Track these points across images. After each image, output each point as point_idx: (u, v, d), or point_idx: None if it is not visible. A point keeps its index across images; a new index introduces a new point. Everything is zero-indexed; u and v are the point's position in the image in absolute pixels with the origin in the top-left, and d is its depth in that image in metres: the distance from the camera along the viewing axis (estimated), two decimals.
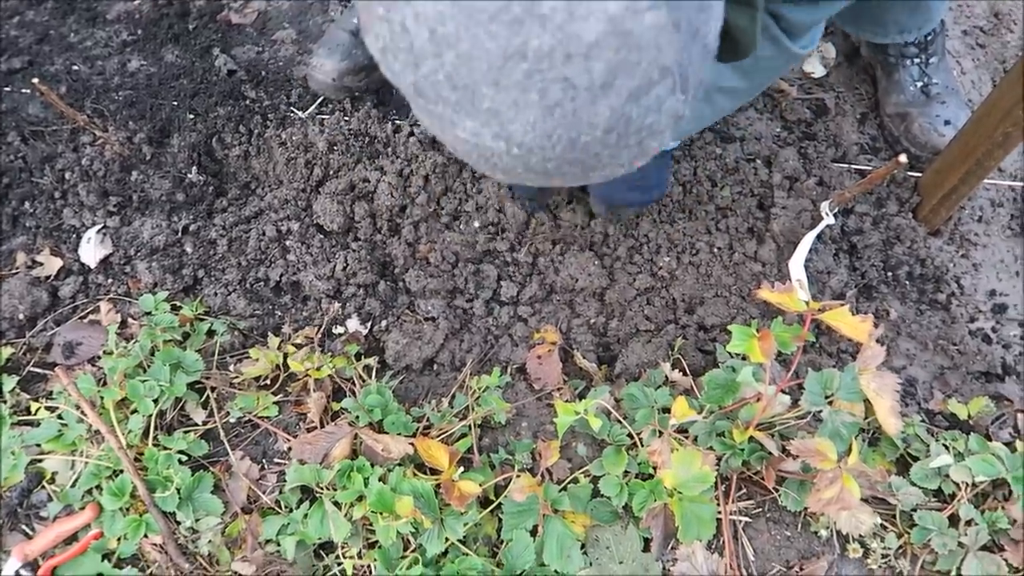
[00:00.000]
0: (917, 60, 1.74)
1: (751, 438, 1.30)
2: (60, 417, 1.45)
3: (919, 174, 1.69)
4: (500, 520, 1.30)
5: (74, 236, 1.72)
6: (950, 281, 1.66)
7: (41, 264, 1.69)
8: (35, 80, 1.54)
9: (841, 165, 1.73)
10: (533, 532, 1.28)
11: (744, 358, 1.36)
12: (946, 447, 1.38)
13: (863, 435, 1.44)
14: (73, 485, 1.39)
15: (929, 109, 1.71)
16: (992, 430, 1.47)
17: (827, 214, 1.55)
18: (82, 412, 1.40)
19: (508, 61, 0.60)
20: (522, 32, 0.58)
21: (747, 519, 1.36)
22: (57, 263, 1.68)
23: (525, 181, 0.76)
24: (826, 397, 1.29)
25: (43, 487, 1.41)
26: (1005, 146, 1.41)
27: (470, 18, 0.58)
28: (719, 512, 1.33)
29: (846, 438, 1.27)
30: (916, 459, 1.39)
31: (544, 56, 0.59)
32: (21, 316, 1.61)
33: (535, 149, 0.67)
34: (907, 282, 1.65)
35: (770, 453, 1.31)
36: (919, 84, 1.74)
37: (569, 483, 1.35)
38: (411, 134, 1.76)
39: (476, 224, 1.69)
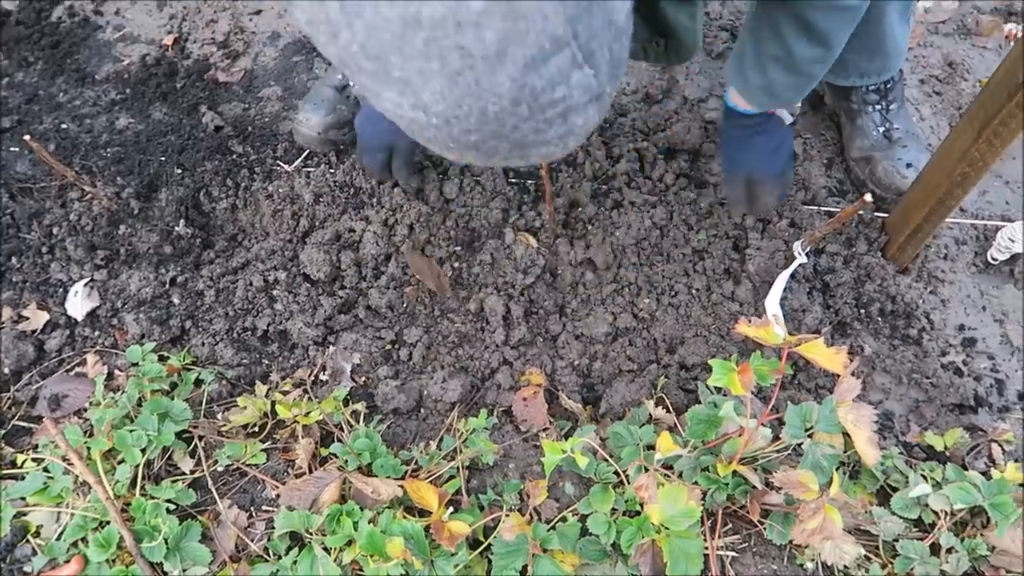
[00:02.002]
0: (878, 106, 1.83)
1: (735, 472, 1.33)
2: (46, 470, 1.44)
3: (885, 215, 1.76)
4: (490, 561, 1.31)
5: (61, 290, 1.74)
6: (920, 317, 1.71)
7: (27, 318, 1.70)
8: (26, 136, 1.58)
9: (811, 207, 1.79)
10: (523, 572, 1.29)
11: (725, 393, 1.39)
12: (924, 477, 1.41)
13: (844, 468, 1.47)
14: (59, 538, 1.37)
15: (892, 153, 1.79)
16: (968, 460, 1.51)
17: (799, 253, 1.61)
18: (69, 463, 1.40)
19: (407, 29, 0.62)
20: (414, 1, 0.61)
21: (734, 554, 1.38)
22: (43, 317, 1.70)
23: (468, 158, 0.77)
24: (806, 430, 1.33)
25: (28, 541, 1.40)
26: (963, 185, 1.48)
27: None
28: (706, 548, 1.34)
29: (827, 470, 1.30)
30: (896, 490, 1.42)
31: (438, 23, 0.62)
32: (6, 370, 1.62)
33: (451, 119, 0.69)
34: (879, 318, 1.70)
35: (754, 487, 1.34)
36: (881, 129, 1.82)
37: (558, 522, 1.36)
38: (395, 185, 1.81)
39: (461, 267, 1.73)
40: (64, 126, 1.98)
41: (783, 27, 1.37)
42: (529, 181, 1.82)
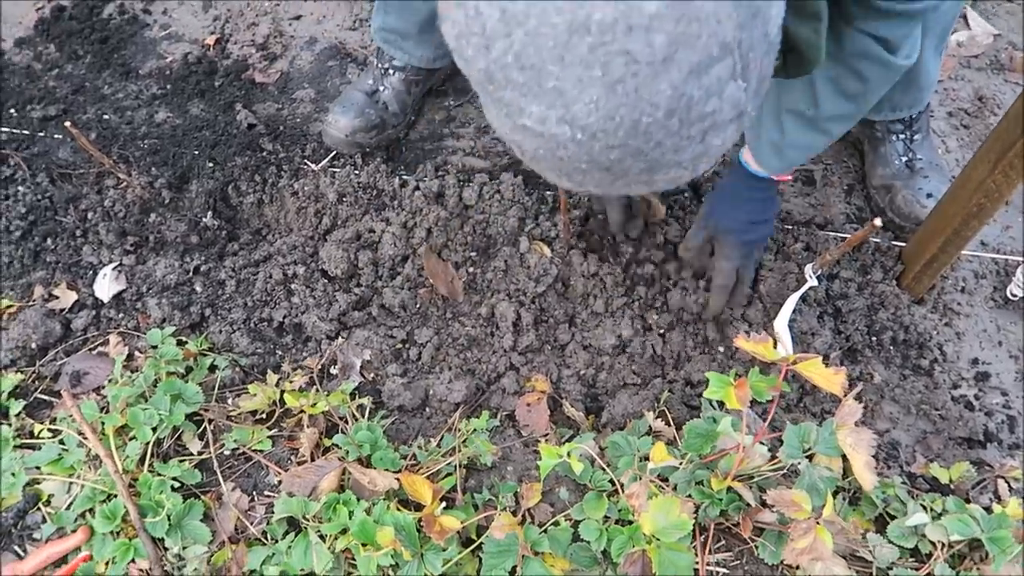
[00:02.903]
0: (903, 136, 1.83)
1: (730, 488, 1.33)
2: (61, 442, 1.50)
3: (903, 244, 1.75)
4: (481, 560, 1.32)
5: (91, 272, 1.81)
6: (933, 348, 1.70)
7: (57, 297, 1.77)
8: (68, 124, 1.65)
9: (827, 232, 1.80)
10: (512, 573, 1.30)
11: (722, 406, 1.40)
12: (924, 507, 1.40)
13: (844, 494, 1.46)
14: (68, 508, 1.43)
15: (913, 182, 1.79)
16: (972, 495, 1.49)
17: (811, 276, 1.61)
18: (83, 436, 1.45)
19: (573, 35, 0.63)
20: (586, 4, 0.62)
21: (724, 570, 1.38)
22: (72, 297, 1.76)
23: (589, 185, 0.77)
24: (805, 452, 1.33)
25: (39, 509, 1.45)
26: (980, 216, 1.48)
27: None
28: (696, 562, 1.34)
29: (823, 492, 1.30)
30: (895, 518, 1.41)
31: (607, 28, 0.61)
32: (34, 345, 1.68)
33: (598, 133, 0.69)
34: (891, 347, 1.69)
35: (748, 504, 1.33)
36: (904, 159, 1.82)
37: (550, 526, 1.37)
38: (416, 188, 1.85)
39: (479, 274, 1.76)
40: (106, 117, 2.07)
41: (818, 75, 1.30)
42: (547, 191, 1.84)
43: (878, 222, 1.35)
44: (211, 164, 1.92)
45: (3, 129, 2.02)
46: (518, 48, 0.65)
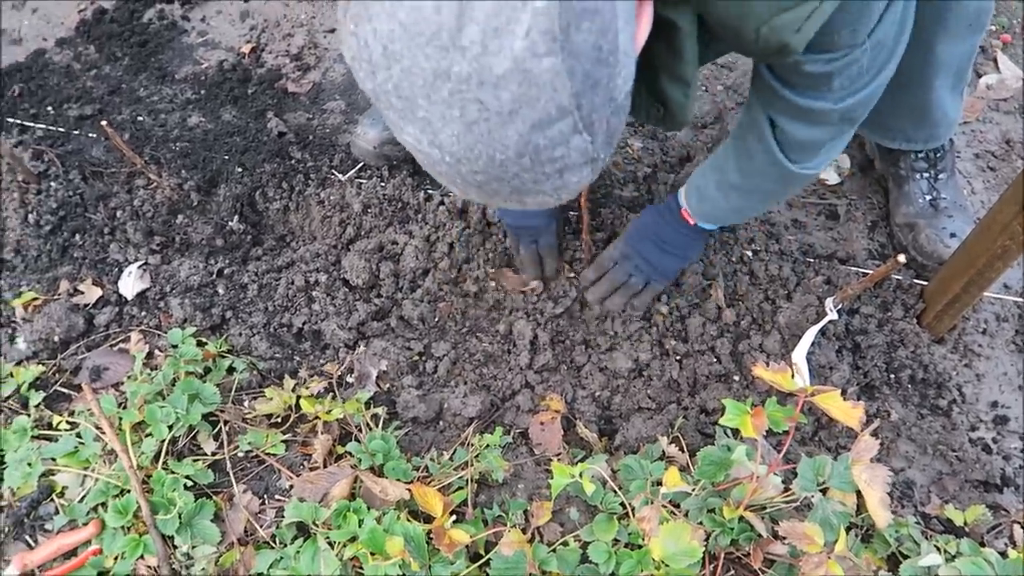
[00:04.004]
0: (927, 175, 1.83)
1: (742, 518, 1.32)
2: (79, 435, 1.51)
3: (925, 282, 1.74)
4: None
5: (116, 269, 1.83)
6: (952, 388, 1.69)
7: (82, 292, 1.79)
8: (103, 123, 1.68)
9: (848, 267, 1.79)
10: None
11: (737, 434, 1.39)
12: (938, 548, 1.38)
13: (857, 531, 1.45)
14: (81, 500, 1.44)
15: (936, 221, 1.78)
16: (987, 539, 1.47)
17: (831, 310, 1.61)
18: (100, 430, 1.46)
19: (437, 79, 0.72)
20: (448, 57, 0.71)
21: None
22: (97, 293, 1.79)
23: (471, 194, 0.86)
24: (819, 485, 1.32)
25: (52, 500, 1.46)
26: (1004, 259, 1.47)
27: (412, 40, 0.71)
28: None
29: (836, 527, 1.28)
30: (907, 558, 1.39)
31: (464, 79, 0.71)
32: (56, 338, 1.70)
33: (463, 160, 0.78)
34: (909, 385, 1.68)
35: (759, 535, 1.32)
36: (928, 197, 1.82)
37: (559, 545, 1.36)
38: (441, 203, 1.87)
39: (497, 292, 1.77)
40: (140, 118, 2.10)
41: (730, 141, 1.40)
42: (572, 212, 1.86)
43: (902, 258, 1.35)
44: (240, 169, 1.95)
45: (40, 126, 2.06)
46: (396, 80, 0.74)
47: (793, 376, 1.34)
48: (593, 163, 0.83)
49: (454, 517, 1.32)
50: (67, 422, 1.54)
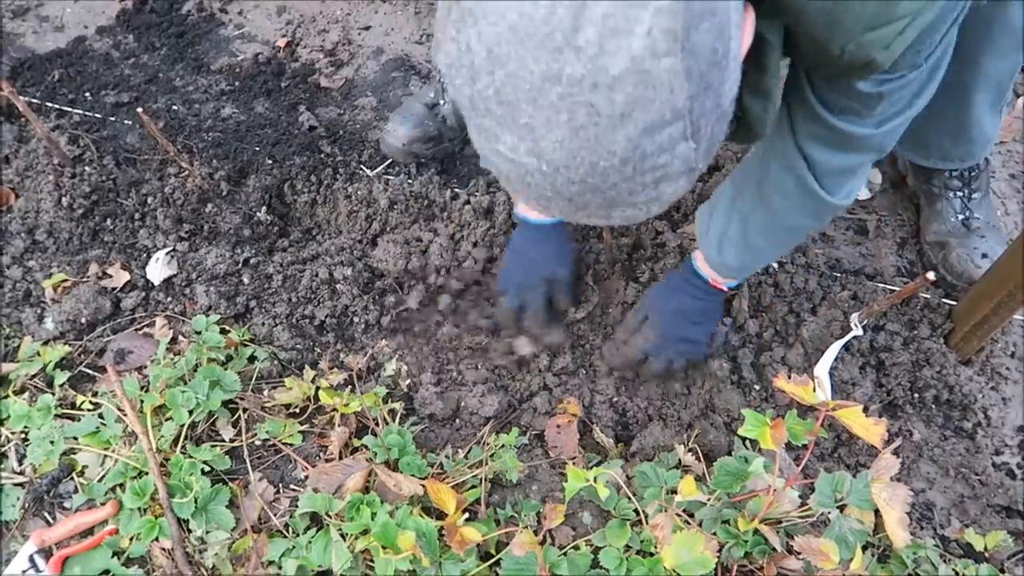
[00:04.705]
0: (960, 193, 1.80)
1: (756, 530, 1.31)
2: (101, 415, 1.53)
3: (953, 302, 1.72)
4: (497, 575, 1.32)
5: (144, 255, 1.86)
6: (977, 411, 1.66)
7: (110, 276, 1.82)
8: (140, 110, 1.71)
9: (876, 283, 1.77)
10: None
11: (755, 445, 1.38)
12: (956, 572, 1.36)
13: (873, 550, 1.42)
14: (100, 480, 1.46)
15: (968, 241, 1.75)
16: (1008, 565, 1.44)
17: (856, 325, 1.59)
18: (122, 412, 1.48)
19: (546, 83, 0.70)
20: (560, 59, 0.69)
21: None
22: (124, 277, 1.81)
23: (555, 211, 0.84)
24: (836, 501, 1.30)
25: (72, 478, 1.48)
26: None
27: (521, 43, 0.69)
28: None
29: (852, 545, 1.27)
30: None
31: (576, 82, 0.69)
32: (83, 320, 1.73)
33: (561, 168, 0.76)
34: (933, 406, 1.65)
35: (774, 548, 1.31)
36: (960, 216, 1.79)
37: (570, 549, 1.36)
38: (467, 202, 1.87)
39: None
40: (175, 107, 2.13)
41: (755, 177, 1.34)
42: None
43: (931, 276, 1.33)
44: (270, 161, 1.97)
45: (77, 111, 2.10)
46: (499, 85, 0.72)
47: (815, 390, 1.33)
48: (691, 173, 0.80)
49: (467, 515, 1.32)
50: (90, 402, 1.56)
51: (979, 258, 1.73)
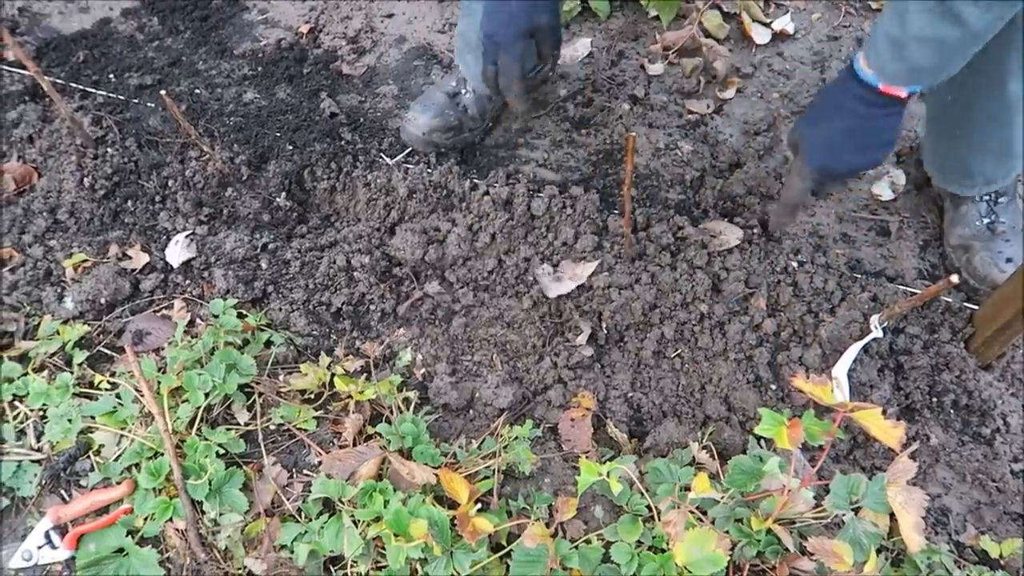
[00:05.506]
0: (986, 197, 1.77)
1: (769, 530, 1.30)
2: (118, 396, 1.54)
3: (975, 307, 1.69)
4: (508, 568, 1.32)
5: (164, 237, 1.87)
6: (997, 417, 1.64)
7: (130, 258, 1.83)
8: (163, 92, 1.71)
9: (897, 285, 1.75)
10: None
11: (771, 445, 1.37)
12: None
13: (887, 554, 1.41)
14: (116, 459, 1.47)
15: (992, 244, 1.73)
16: (1023, 574, 1.43)
17: (876, 327, 1.57)
18: (139, 392, 1.49)
19: None
20: None
21: None
22: (144, 259, 1.82)
23: None
24: (851, 503, 1.29)
25: (88, 457, 1.49)
26: None
27: None
28: None
29: (866, 548, 1.26)
30: None
31: None
32: (103, 300, 1.74)
33: None
34: (952, 410, 1.63)
35: (787, 549, 1.30)
36: (986, 220, 1.77)
37: (581, 543, 1.36)
38: (486, 193, 1.86)
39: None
40: (197, 91, 2.14)
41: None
42: (616, 211, 1.84)
43: (955, 279, 1.31)
44: (290, 147, 1.97)
45: (101, 92, 2.11)
46: None
47: (833, 391, 1.31)
48: None
49: (479, 506, 1.32)
50: (108, 382, 1.57)
51: (1003, 262, 1.70)
